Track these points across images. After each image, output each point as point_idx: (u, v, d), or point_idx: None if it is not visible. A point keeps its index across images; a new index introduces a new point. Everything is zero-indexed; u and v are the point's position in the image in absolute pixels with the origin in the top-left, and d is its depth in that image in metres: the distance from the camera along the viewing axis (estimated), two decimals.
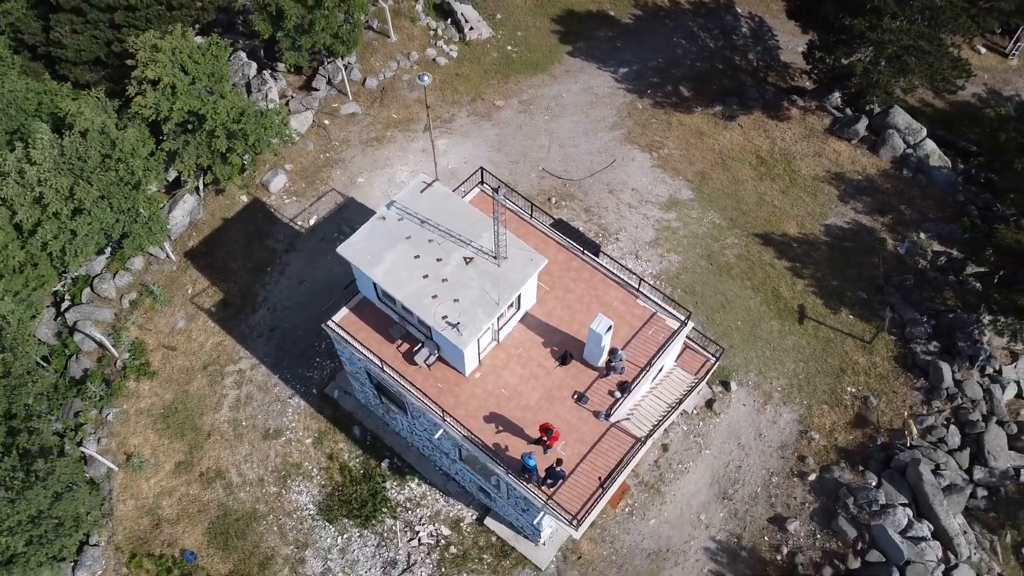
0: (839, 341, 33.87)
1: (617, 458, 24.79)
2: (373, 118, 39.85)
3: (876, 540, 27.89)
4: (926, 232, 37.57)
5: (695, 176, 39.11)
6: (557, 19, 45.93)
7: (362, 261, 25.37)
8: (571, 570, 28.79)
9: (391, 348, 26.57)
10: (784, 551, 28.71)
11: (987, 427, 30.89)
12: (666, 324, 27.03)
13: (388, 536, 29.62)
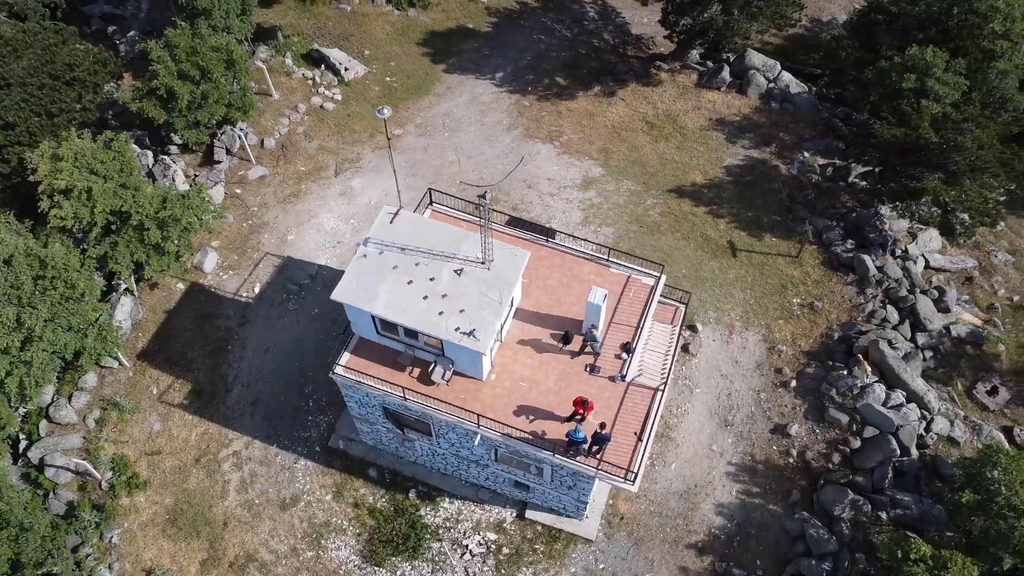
0: (772, 262, 37.38)
1: (644, 411, 26.65)
2: (283, 176, 39.89)
3: (867, 418, 31.26)
4: (808, 151, 41.98)
5: (599, 153, 41.77)
6: (422, 42, 47.47)
7: (358, 300, 25.93)
8: (618, 532, 30.40)
9: (404, 376, 27.22)
10: (794, 453, 31.60)
11: (915, 299, 35.17)
12: (642, 283, 29.23)
13: (439, 559, 30.13)
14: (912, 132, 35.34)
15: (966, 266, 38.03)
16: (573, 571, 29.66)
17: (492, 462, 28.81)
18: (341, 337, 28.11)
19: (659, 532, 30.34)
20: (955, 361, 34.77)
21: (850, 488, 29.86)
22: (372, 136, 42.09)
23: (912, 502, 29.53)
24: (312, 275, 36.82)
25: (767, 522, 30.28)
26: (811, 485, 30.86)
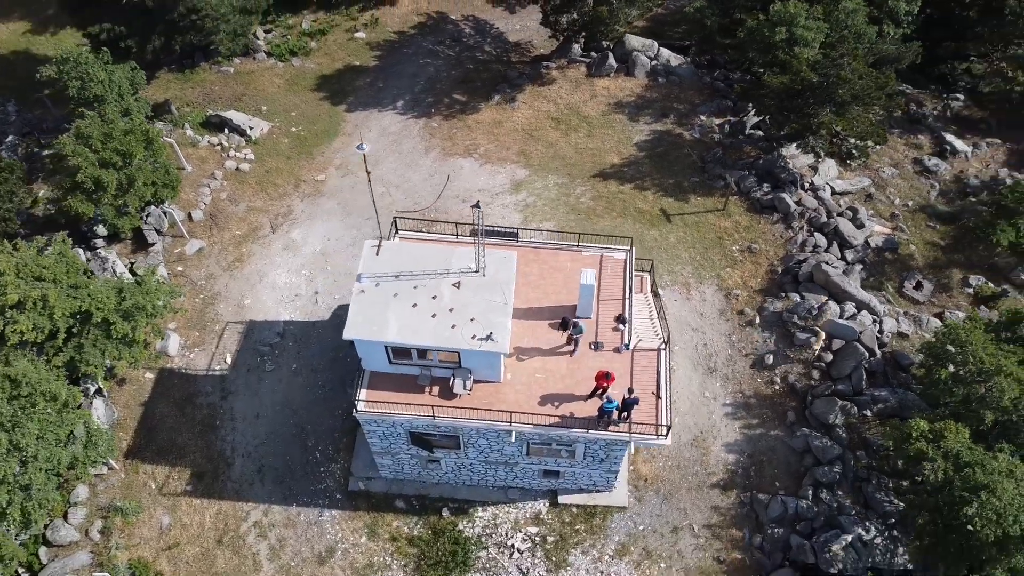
0: (703, 219, 40.39)
1: (654, 370, 28.58)
2: (220, 244, 39.38)
3: (831, 333, 34.53)
4: (703, 114, 45.48)
5: (518, 156, 43.63)
6: (316, 88, 47.84)
7: (370, 333, 26.51)
8: (646, 493, 32.20)
9: (425, 396, 27.94)
10: (777, 380, 34.47)
11: (835, 221, 39.03)
12: (615, 259, 31.22)
13: (490, 565, 30.90)
14: (796, 76, 39.23)
15: (863, 185, 42.41)
16: (617, 539, 31.20)
17: (522, 458, 29.93)
18: (356, 375, 28.46)
19: (683, 482, 32.36)
20: (880, 268, 38.85)
21: (836, 397, 32.94)
22: (297, 187, 42.18)
23: (888, 395, 32.96)
24: (280, 332, 36.65)
25: (773, 446, 32.92)
26: (801, 404, 33.77)
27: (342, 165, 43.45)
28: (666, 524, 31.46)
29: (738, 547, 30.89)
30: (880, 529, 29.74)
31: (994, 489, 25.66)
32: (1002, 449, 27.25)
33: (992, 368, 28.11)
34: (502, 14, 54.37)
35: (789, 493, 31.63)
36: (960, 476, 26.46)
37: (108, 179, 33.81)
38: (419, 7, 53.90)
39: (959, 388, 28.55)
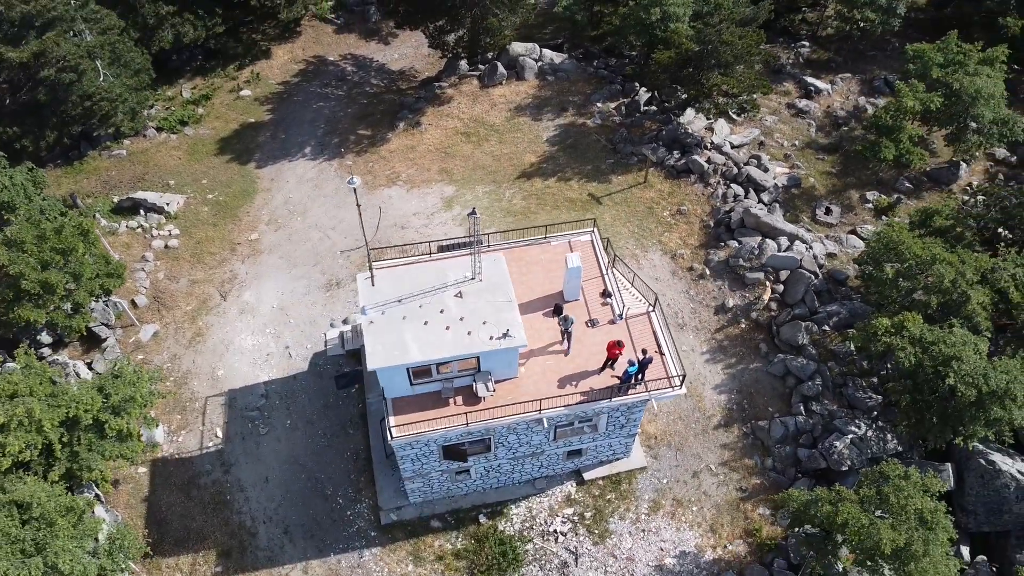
0: (630, 195, 43.18)
1: (651, 331, 30.73)
2: (174, 323, 38.33)
3: (775, 267, 38.00)
4: (598, 102, 48.47)
5: (440, 175, 44.94)
6: (218, 152, 47.19)
7: (393, 359, 27.13)
8: (659, 449, 34.31)
9: (451, 407, 28.80)
10: (742, 319, 37.53)
11: (746, 171, 42.84)
12: (583, 241, 33.24)
13: (540, 554, 32.00)
14: (679, 49, 42.81)
15: (754, 136, 46.62)
16: (648, 498, 33.10)
17: (549, 445, 31.25)
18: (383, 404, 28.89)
19: (688, 432, 34.72)
20: (792, 203, 42.97)
21: (797, 320, 36.33)
22: (233, 250, 41.62)
23: (838, 308, 36.71)
24: (264, 394, 36.22)
25: (757, 378, 35.89)
26: (769, 334, 36.97)
27: (271, 220, 43.22)
28: (686, 472, 33.69)
29: (754, 473, 33.54)
30: (868, 424, 33.18)
31: (960, 358, 29.51)
32: (952, 325, 31.25)
33: (928, 258, 32.17)
34: (377, 47, 55.55)
35: (783, 414, 34.63)
36: (928, 356, 30.19)
37: (56, 280, 32.43)
38: (295, 55, 54.16)
39: (905, 282, 32.43)
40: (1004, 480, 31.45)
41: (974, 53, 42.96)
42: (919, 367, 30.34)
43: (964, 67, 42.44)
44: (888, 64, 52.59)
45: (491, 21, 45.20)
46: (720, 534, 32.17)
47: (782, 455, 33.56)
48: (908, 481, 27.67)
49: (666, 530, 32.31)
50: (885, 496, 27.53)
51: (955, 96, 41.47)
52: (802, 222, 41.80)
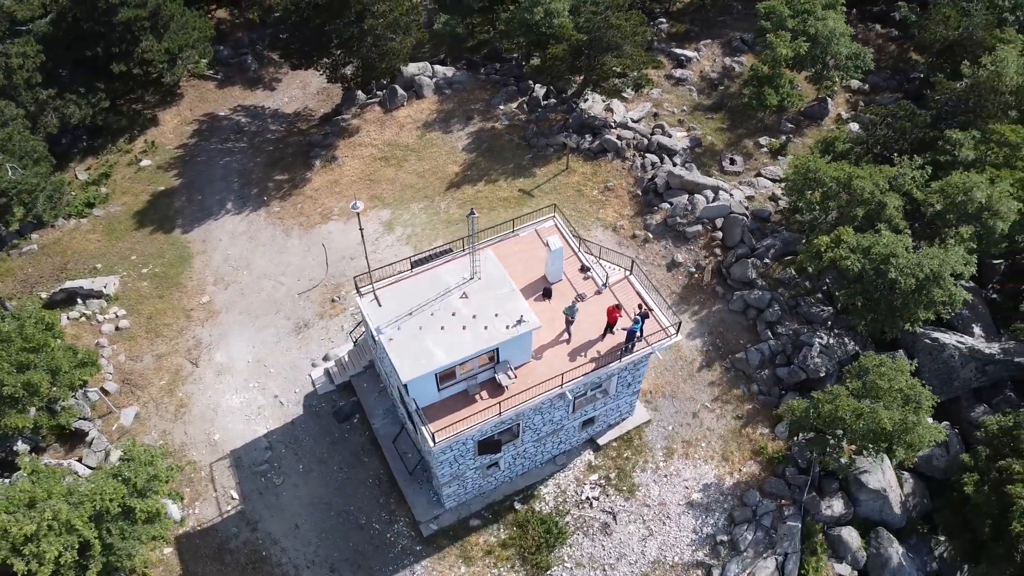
0: (557, 183, 45.76)
1: (635, 292, 33.26)
2: (153, 401, 37.25)
3: (710, 217, 41.61)
4: (500, 105, 50.80)
5: (373, 201, 45.80)
6: (138, 226, 45.74)
7: (424, 367, 28.17)
8: (657, 401, 36.94)
9: (479, 402, 30.12)
10: (692, 270, 40.83)
11: (655, 140, 46.43)
12: (548, 227, 35.38)
13: (581, 523, 33.82)
14: (567, 41, 45.84)
15: (648, 109, 50.47)
16: (660, 446, 35.63)
17: (568, 417, 33.10)
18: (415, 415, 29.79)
19: (677, 379, 37.54)
20: (700, 160, 46.97)
21: (742, 258, 40.02)
22: (189, 317, 40.81)
23: (772, 241, 40.73)
24: (268, 446, 36.02)
25: (722, 318, 39.25)
26: (721, 277, 40.46)
27: (217, 280, 42.64)
28: (686, 415, 36.47)
29: (744, 400, 36.77)
30: (827, 333, 37.20)
31: (896, 254, 33.89)
32: (879, 230, 35.69)
33: (845, 177, 36.57)
34: (265, 94, 55.51)
35: (754, 343, 38.11)
36: (868, 259, 34.43)
37: (38, 379, 31.09)
38: (184, 117, 53.22)
39: (830, 202, 36.69)
40: (949, 352, 36.24)
41: (818, 1, 48.55)
42: (863, 271, 34.51)
43: (813, 13, 47.89)
44: (738, 25, 58.04)
45: (391, 45, 46.55)
46: (732, 461, 35.16)
47: (764, 378, 37.00)
48: (887, 367, 31.61)
49: (685, 470, 34.95)
50: (871, 384, 31.32)
51: (814, 40, 46.78)
52: (714, 175, 45.83)
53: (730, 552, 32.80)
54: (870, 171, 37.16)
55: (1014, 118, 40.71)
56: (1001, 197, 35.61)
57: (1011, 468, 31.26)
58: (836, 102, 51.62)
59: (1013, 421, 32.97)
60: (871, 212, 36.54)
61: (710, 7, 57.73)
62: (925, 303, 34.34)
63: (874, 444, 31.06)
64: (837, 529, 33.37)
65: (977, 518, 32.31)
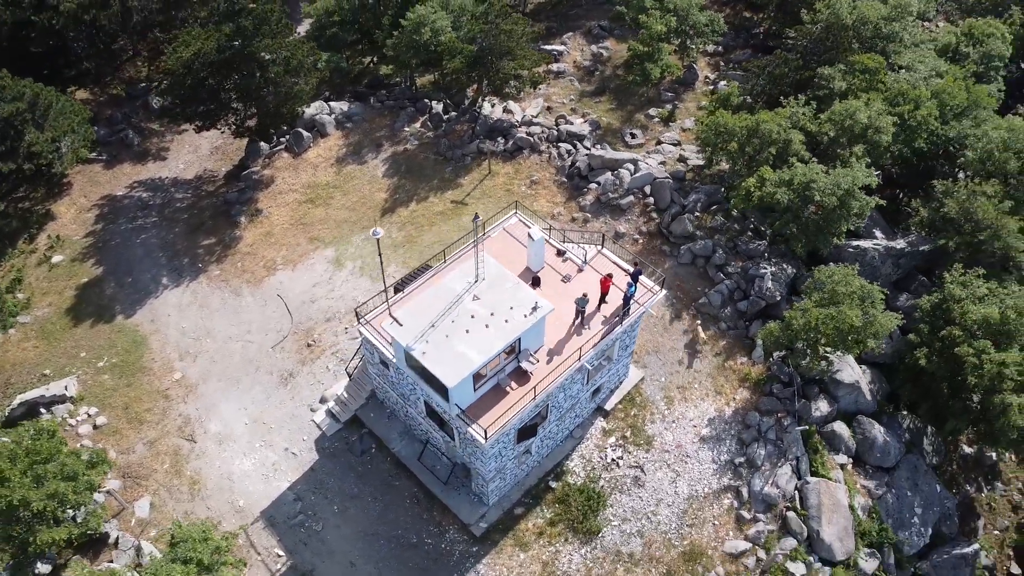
0: (486, 187, 47.98)
1: (611, 264, 36.11)
2: (164, 484, 36.08)
3: (638, 186, 45.24)
4: (405, 126, 52.28)
5: (313, 243, 46.09)
6: (75, 323, 43.40)
7: (464, 370, 29.65)
8: (643, 359, 39.99)
9: (511, 394, 31.86)
10: (636, 235, 44.30)
11: (563, 129, 49.66)
12: (515, 223, 37.63)
13: (615, 481, 36.26)
14: (461, 57, 48.18)
15: (541, 105, 53.69)
16: (660, 396, 38.71)
17: (582, 389, 35.39)
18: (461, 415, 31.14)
19: (654, 335, 40.78)
20: (604, 140, 50.66)
21: (677, 216, 43.91)
22: (167, 398, 39.66)
23: (697, 196, 44.80)
24: (296, 497, 35.99)
25: (675, 272, 42.86)
26: (663, 238, 44.07)
27: (183, 355, 41.62)
28: (672, 364, 39.79)
29: (718, 338, 40.54)
30: (768, 261, 41.68)
31: (815, 180, 38.74)
32: (793, 164, 40.52)
33: (753, 124, 41.21)
34: (157, 165, 54.06)
35: (711, 287, 41.99)
36: (792, 189, 39.12)
37: (64, 489, 29.79)
38: (81, 205, 50.93)
39: (747, 148, 41.22)
40: (870, 254, 41.65)
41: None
42: (791, 200, 39.15)
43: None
44: (591, 15, 62.54)
45: (297, 88, 46.97)
46: (725, 393, 38.82)
47: (729, 315, 40.96)
48: (839, 274, 36.28)
49: (688, 412, 38.23)
50: (832, 291, 35.85)
51: (675, 13, 51.71)
52: (620, 151, 49.66)
53: (750, 470, 36.37)
54: (769, 116, 42.02)
55: (858, 49, 47.04)
56: (879, 116, 41.39)
57: (952, 335, 36.71)
58: (700, 67, 56.98)
59: (939, 297, 38.64)
60: (780, 150, 41.35)
61: (564, 2, 61.86)
62: (846, 216, 39.42)
63: (844, 343, 35.54)
64: (828, 426, 37.74)
65: (934, 384, 37.61)
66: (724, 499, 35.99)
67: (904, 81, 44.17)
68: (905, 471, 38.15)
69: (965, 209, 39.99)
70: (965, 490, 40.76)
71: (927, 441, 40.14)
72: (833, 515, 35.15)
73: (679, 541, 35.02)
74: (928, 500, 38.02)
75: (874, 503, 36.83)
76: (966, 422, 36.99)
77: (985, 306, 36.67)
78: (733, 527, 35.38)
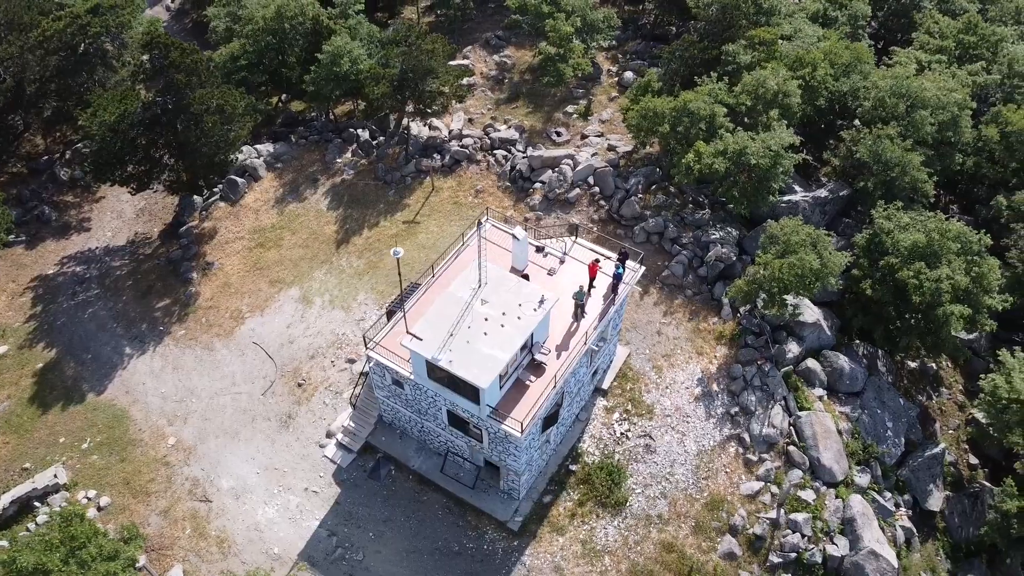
0: (432, 205, 49.23)
1: (590, 251, 38.32)
2: (191, 550, 35.22)
3: (581, 179, 47.71)
4: (337, 158, 52.66)
5: (275, 286, 45.83)
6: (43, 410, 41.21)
7: (493, 370, 31.03)
8: (627, 336, 42.40)
9: (532, 387, 33.44)
10: (591, 225, 46.75)
11: (494, 137, 51.54)
12: (487, 230, 39.16)
13: (629, 456, 38.39)
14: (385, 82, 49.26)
15: (463, 118, 55.37)
16: (649, 367, 41.18)
17: (586, 372, 37.30)
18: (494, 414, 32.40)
19: (631, 312, 43.18)
20: (533, 142, 52.93)
21: (624, 200, 46.65)
22: (167, 464, 38.62)
23: (636, 178, 47.77)
24: (330, 532, 36.11)
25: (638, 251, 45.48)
26: (616, 221, 46.70)
27: (172, 419, 40.61)
28: (652, 335, 42.37)
29: (687, 305, 43.44)
30: (714, 227, 45.07)
31: (747, 146, 42.38)
32: (722, 135, 44.03)
33: (680, 105, 44.50)
34: (81, 237, 52.01)
35: (670, 260, 44.90)
36: (727, 157, 42.62)
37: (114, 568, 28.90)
38: (12, 291, 48.24)
39: (679, 126, 44.47)
40: (801, 206, 45.82)
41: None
42: (728, 168, 42.67)
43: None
44: (483, 28, 64.86)
45: (234, 135, 46.52)
46: (706, 352, 41.77)
47: (692, 282, 44.02)
48: (789, 226, 39.95)
49: (678, 376, 40.91)
50: (787, 241, 39.44)
51: (573, 14, 54.75)
52: (553, 148, 52.09)
53: (746, 416, 39.41)
54: (692, 95, 45.48)
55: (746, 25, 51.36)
56: (785, 81, 45.65)
57: (890, 263, 41.12)
58: (599, 61, 60.30)
59: (871, 232, 43.11)
60: (708, 124, 44.85)
61: (455, 18, 63.74)
62: (779, 175, 43.32)
63: (805, 286, 39.16)
64: (802, 364, 41.36)
65: (883, 310, 41.97)
66: (729, 448, 38.84)
67: (800, 48, 48.84)
68: (871, 392, 42.32)
69: (874, 152, 44.71)
70: (918, 400, 45.47)
71: (880, 363, 44.57)
72: (827, 441, 38.67)
73: (699, 494, 37.55)
74: (896, 414, 42.33)
75: (853, 425, 40.69)
76: (915, 337, 41.52)
77: (912, 233, 41.30)
78: (744, 471, 38.27)
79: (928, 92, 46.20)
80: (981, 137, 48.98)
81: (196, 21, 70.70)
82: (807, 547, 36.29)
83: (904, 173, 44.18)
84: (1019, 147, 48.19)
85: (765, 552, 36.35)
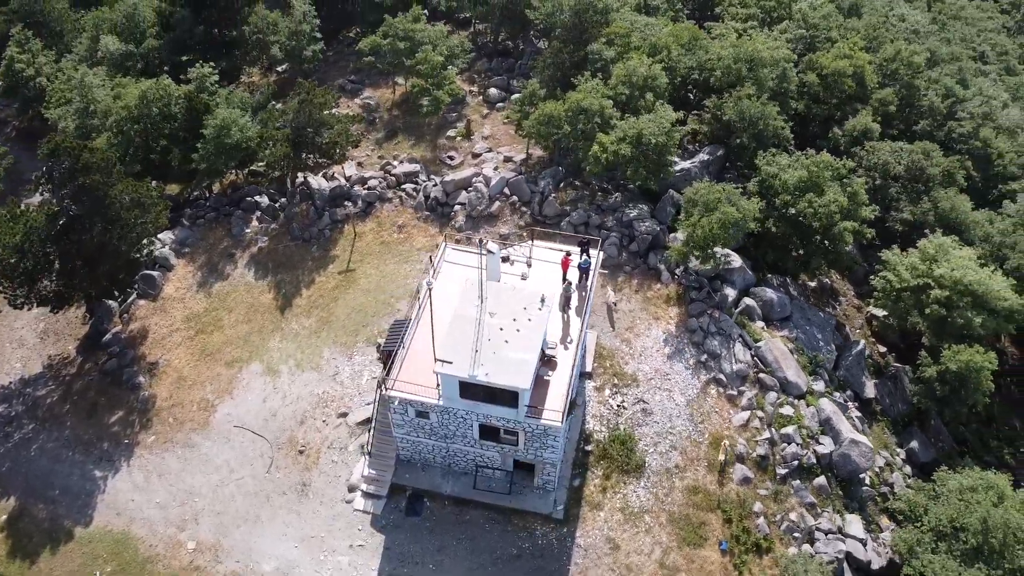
0: (359, 249, 50.16)
1: (557, 249, 41.36)
2: None
3: (501, 191, 50.56)
4: (244, 230, 51.92)
5: (231, 367, 44.86)
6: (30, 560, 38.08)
7: (527, 372, 33.42)
8: (592, 317, 45.74)
9: (549, 378, 36.00)
10: (522, 231, 49.68)
11: (399, 173, 53.17)
12: (451, 252, 41.15)
13: (632, 423, 41.74)
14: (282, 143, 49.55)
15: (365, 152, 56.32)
16: (619, 342, 44.79)
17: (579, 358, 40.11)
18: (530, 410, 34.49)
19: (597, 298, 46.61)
20: (431, 170, 55.10)
21: (543, 201, 50.07)
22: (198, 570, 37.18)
23: (546, 180, 51.37)
24: None
25: None
26: (541, 220, 49.93)
27: (180, 525, 38.97)
28: (609, 314, 46.10)
29: (631, 279, 47.43)
30: (628, 207, 49.62)
31: (644, 129, 47.27)
32: (614, 125, 48.65)
33: (574, 105, 48.59)
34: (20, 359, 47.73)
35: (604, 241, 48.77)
36: (628, 143, 47.26)
37: None
38: None
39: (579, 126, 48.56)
40: (692, 171, 51.47)
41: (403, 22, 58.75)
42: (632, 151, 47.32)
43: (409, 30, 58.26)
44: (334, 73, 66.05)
45: (155, 224, 44.75)
46: (662, 316, 46.00)
47: (627, 259, 48.21)
48: (703, 188, 45.16)
49: (646, 342, 44.81)
50: (708, 202, 44.54)
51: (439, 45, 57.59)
52: None
53: (715, 360, 44.06)
54: (579, 95, 49.72)
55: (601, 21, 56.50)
56: (650, 67, 51.11)
57: (785, 201, 47.52)
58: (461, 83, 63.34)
59: (760, 179, 49.42)
60: (600, 118, 49.29)
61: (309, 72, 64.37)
62: (671, 149, 48.57)
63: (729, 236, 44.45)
64: (741, 304, 46.72)
65: (786, 242, 48.36)
66: (711, 390, 43.29)
67: (650, 35, 54.71)
68: (797, 313, 48.62)
69: (739, 111, 51.22)
70: (827, 311, 52.59)
71: (792, 288, 51.14)
72: (786, 361, 44.22)
73: (701, 437, 41.66)
74: (820, 326, 48.88)
75: (796, 344, 46.64)
76: (821, 257, 48.25)
77: (795, 171, 47.97)
78: (729, 406, 42.88)
79: (764, 53, 53.50)
80: (804, 83, 57.24)
81: (20, 128, 66.16)
82: (802, 453, 41.47)
83: (767, 125, 50.98)
84: (835, 85, 56.94)
85: (772, 468, 41.09)
